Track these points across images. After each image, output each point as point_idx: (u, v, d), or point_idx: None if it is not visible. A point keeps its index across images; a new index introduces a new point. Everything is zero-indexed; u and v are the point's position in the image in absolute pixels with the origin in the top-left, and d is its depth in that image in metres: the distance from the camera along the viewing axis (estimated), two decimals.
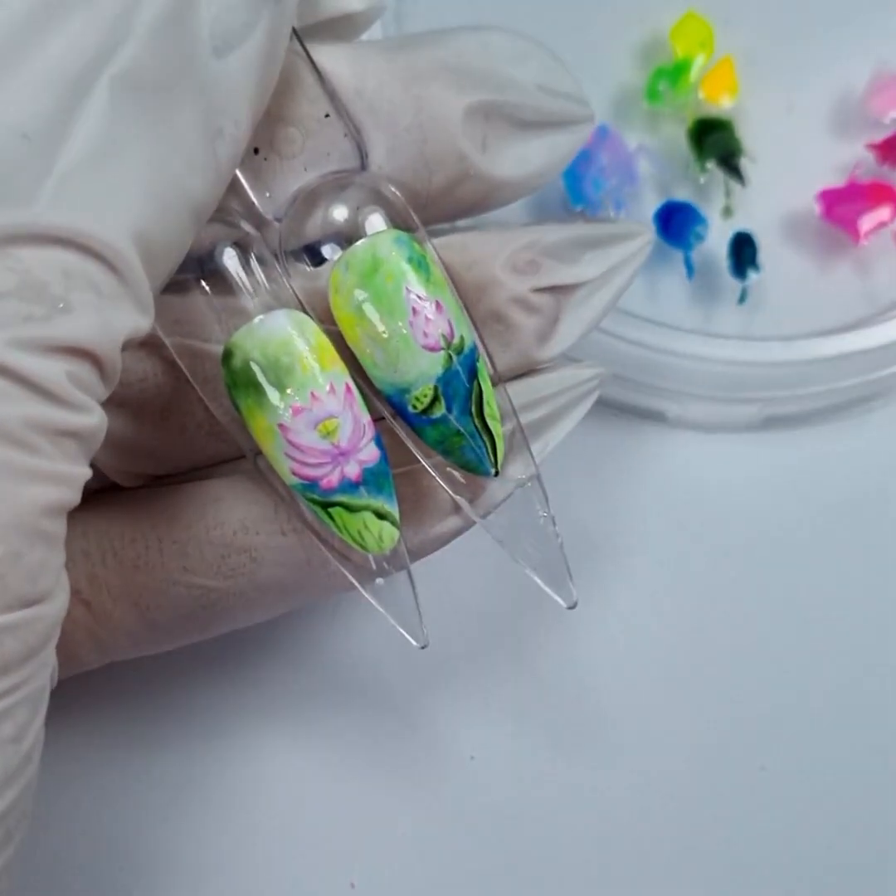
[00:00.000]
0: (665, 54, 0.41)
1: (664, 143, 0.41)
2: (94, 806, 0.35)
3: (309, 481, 0.26)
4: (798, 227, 0.41)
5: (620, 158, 0.40)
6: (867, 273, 0.40)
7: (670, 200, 0.40)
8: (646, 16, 0.41)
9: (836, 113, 0.41)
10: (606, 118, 0.41)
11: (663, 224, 0.40)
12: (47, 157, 0.21)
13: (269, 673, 0.37)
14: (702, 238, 0.40)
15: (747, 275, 0.39)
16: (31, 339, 0.20)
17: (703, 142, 0.40)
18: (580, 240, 0.31)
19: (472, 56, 0.29)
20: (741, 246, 0.40)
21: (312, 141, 0.28)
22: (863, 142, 0.40)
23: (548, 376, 0.31)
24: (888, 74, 0.40)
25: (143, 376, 0.27)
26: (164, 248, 0.22)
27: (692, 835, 0.36)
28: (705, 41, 0.40)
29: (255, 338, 0.25)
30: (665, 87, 0.40)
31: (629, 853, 0.36)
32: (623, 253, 0.31)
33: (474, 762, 0.37)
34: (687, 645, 0.37)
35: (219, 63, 0.23)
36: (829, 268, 0.40)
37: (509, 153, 0.30)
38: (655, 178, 0.41)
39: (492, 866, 0.36)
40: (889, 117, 0.40)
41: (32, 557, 0.20)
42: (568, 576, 0.29)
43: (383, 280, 0.26)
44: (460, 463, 0.28)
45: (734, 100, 0.40)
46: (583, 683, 0.37)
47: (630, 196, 0.40)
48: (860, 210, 0.39)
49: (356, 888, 0.35)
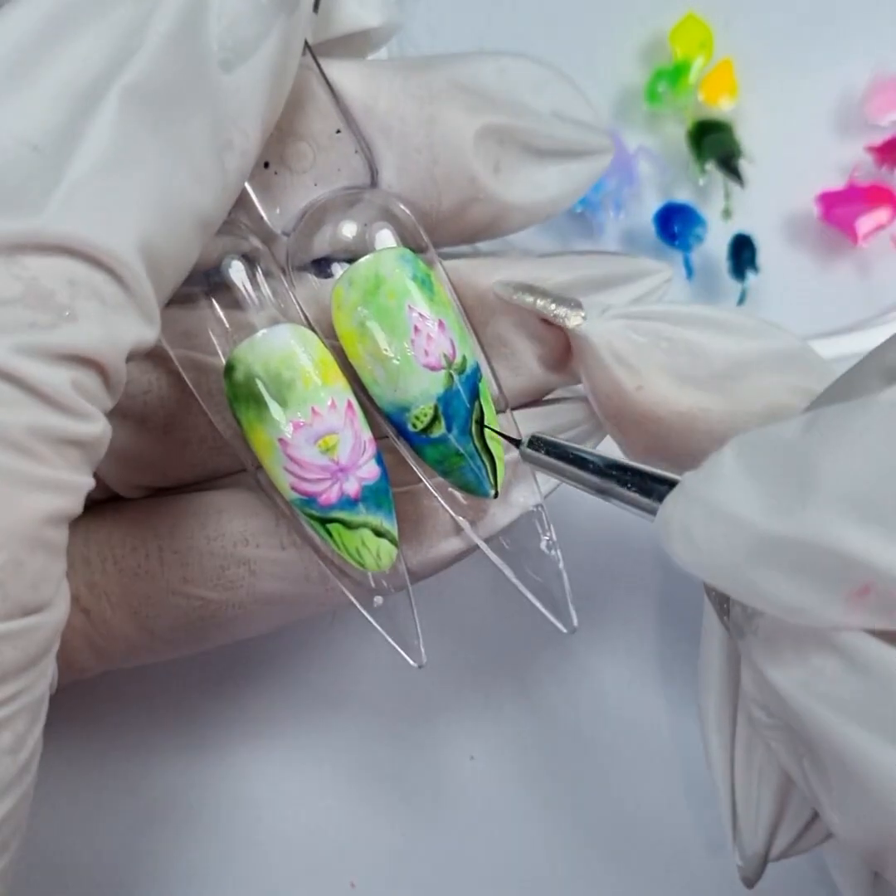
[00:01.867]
0: (665, 56, 0.41)
1: (664, 144, 0.41)
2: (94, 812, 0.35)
3: (308, 496, 0.26)
4: (797, 228, 0.41)
5: (620, 160, 0.40)
6: (866, 274, 0.40)
7: (670, 202, 0.41)
8: (646, 17, 0.41)
9: (835, 115, 0.41)
10: (607, 119, 0.41)
11: (663, 225, 0.40)
12: (56, 167, 0.21)
13: (270, 678, 0.37)
14: (701, 239, 0.40)
15: (746, 276, 0.39)
16: (36, 346, 0.20)
17: (703, 143, 0.40)
18: (592, 279, 0.30)
19: (488, 80, 0.29)
20: (741, 247, 0.40)
21: (323, 156, 0.28)
22: (862, 144, 0.40)
23: (561, 405, 0.31)
24: (887, 77, 0.40)
25: (148, 388, 0.28)
26: (170, 260, 0.22)
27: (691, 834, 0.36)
28: (705, 43, 0.40)
29: (258, 352, 0.25)
30: (665, 89, 0.40)
31: (629, 853, 0.36)
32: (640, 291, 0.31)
33: (474, 762, 0.37)
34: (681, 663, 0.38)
35: (229, 75, 0.23)
36: (828, 269, 0.40)
37: (522, 178, 0.29)
38: (655, 179, 0.41)
39: (491, 866, 0.36)
40: (888, 120, 0.40)
41: (34, 566, 0.20)
42: (568, 601, 0.29)
43: (386, 297, 0.26)
44: (460, 483, 0.28)
45: (733, 101, 0.40)
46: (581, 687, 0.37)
47: (630, 197, 0.41)
48: (859, 212, 0.39)
49: (356, 888, 0.36)
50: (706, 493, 0.21)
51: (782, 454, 0.20)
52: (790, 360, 0.29)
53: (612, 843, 0.36)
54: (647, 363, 0.28)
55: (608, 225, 0.40)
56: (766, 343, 0.29)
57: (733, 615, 0.24)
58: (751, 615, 0.23)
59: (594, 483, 0.25)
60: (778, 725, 0.23)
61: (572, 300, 0.29)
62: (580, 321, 0.28)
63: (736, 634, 0.24)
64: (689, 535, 0.21)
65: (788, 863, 0.30)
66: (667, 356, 0.28)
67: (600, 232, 0.41)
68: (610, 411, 0.29)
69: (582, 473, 0.25)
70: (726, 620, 0.24)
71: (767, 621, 0.22)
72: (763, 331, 0.29)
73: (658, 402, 0.28)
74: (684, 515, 0.21)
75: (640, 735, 0.37)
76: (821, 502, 0.19)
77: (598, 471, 0.25)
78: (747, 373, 0.28)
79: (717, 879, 0.36)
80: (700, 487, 0.21)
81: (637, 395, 0.28)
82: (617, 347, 0.28)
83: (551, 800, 0.37)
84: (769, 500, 0.20)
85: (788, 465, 0.20)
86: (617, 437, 0.30)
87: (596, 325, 0.28)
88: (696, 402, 0.28)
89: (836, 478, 0.19)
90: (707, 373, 0.28)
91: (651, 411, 0.28)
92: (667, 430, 0.28)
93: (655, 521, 0.22)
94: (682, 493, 0.22)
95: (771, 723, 0.24)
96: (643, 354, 0.28)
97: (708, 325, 0.29)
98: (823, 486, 0.19)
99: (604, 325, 0.28)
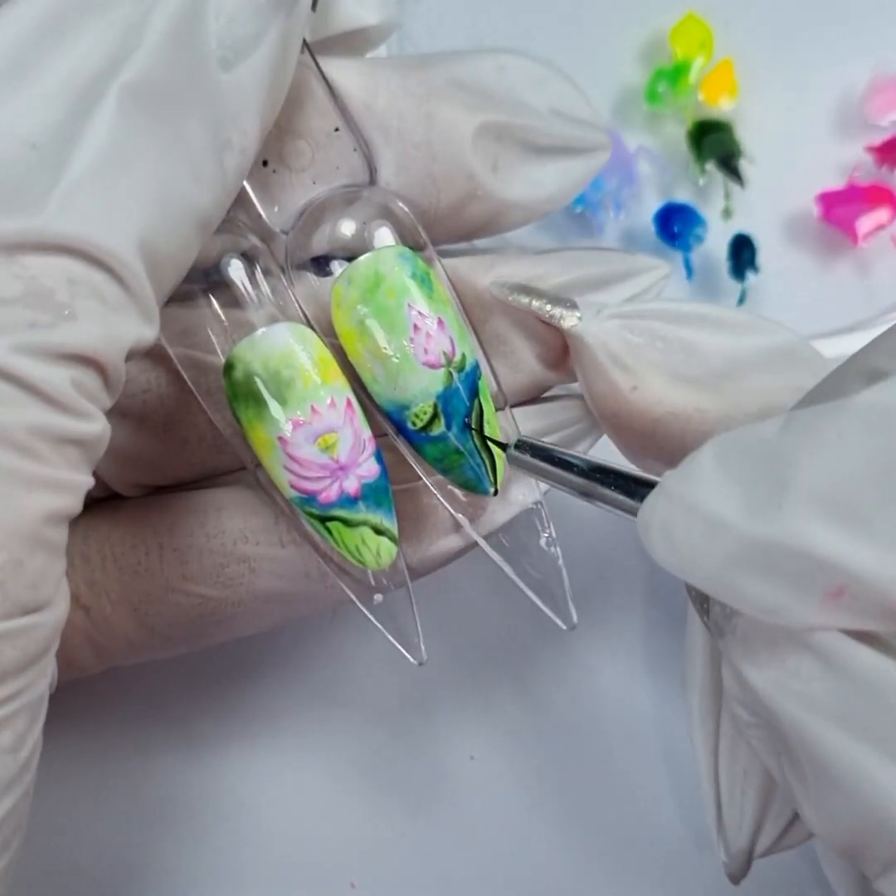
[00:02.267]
0: (665, 56, 0.41)
1: (664, 144, 0.41)
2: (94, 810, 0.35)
3: (307, 495, 0.26)
4: (797, 228, 0.41)
5: (620, 159, 0.40)
6: (866, 274, 0.40)
7: (670, 202, 0.41)
8: (646, 17, 0.41)
9: (836, 115, 0.41)
10: (606, 119, 0.41)
11: (663, 225, 0.40)
12: (55, 167, 0.21)
13: (270, 678, 0.37)
14: (701, 239, 0.40)
15: (746, 276, 0.39)
16: (36, 346, 0.20)
17: (703, 143, 0.40)
18: (590, 276, 0.30)
19: (486, 77, 0.29)
20: (740, 247, 0.40)
21: (322, 154, 0.28)
22: (862, 144, 0.40)
23: (559, 403, 0.31)
24: (887, 77, 0.40)
25: (147, 387, 0.28)
26: (169, 259, 0.22)
27: (690, 834, 0.36)
28: (705, 43, 0.40)
29: (257, 350, 0.25)
30: (665, 89, 0.40)
31: (629, 852, 0.36)
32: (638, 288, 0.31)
33: (474, 762, 0.37)
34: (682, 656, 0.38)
35: (228, 74, 0.23)
36: (828, 269, 0.41)
37: (521, 176, 0.30)
38: (655, 179, 0.41)
39: (491, 865, 0.36)
40: (888, 120, 0.40)
41: (33, 565, 0.20)
42: (568, 598, 0.29)
43: (385, 296, 0.26)
44: (460, 481, 0.28)
45: (733, 101, 0.40)
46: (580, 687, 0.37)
47: (630, 197, 0.41)
48: (859, 212, 0.39)
49: (356, 888, 0.36)
50: (685, 492, 0.21)
51: (759, 454, 0.21)
52: (787, 358, 0.29)
53: (613, 843, 0.36)
54: (642, 363, 0.28)
55: (608, 225, 0.40)
56: (763, 340, 0.29)
57: (713, 614, 0.24)
58: (729, 615, 0.23)
59: (578, 485, 0.25)
60: (758, 724, 0.23)
61: (568, 300, 0.29)
62: (576, 322, 0.28)
63: (716, 633, 0.24)
64: (669, 535, 0.21)
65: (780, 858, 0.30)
66: (662, 356, 0.28)
67: (600, 232, 0.41)
68: (606, 412, 0.29)
69: (567, 475, 0.25)
70: (706, 620, 0.24)
71: (745, 621, 0.22)
72: (759, 327, 0.29)
73: (653, 402, 0.28)
74: (664, 515, 0.21)
75: (641, 735, 0.37)
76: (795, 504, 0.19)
77: (582, 473, 0.25)
78: (744, 371, 0.28)
79: None
80: (679, 487, 0.21)
81: (633, 396, 0.28)
82: (612, 348, 0.28)
83: (551, 799, 0.37)
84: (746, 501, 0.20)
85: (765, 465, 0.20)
86: (613, 437, 0.30)
87: (591, 326, 0.28)
88: (691, 402, 0.28)
89: (811, 479, 0.19)
90: (703, 372, 0.28)
91: (647, 412, 0.28)
92: (663, 431, 0.28)
93: (637, 521, 0.22)
94: (661, 492, 0.22)
95: (752, 721, 0.24)
96: (638, 354, 0.28)
97: (704, 322, 0.29)
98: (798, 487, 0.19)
99: (599, 325, 0.28)
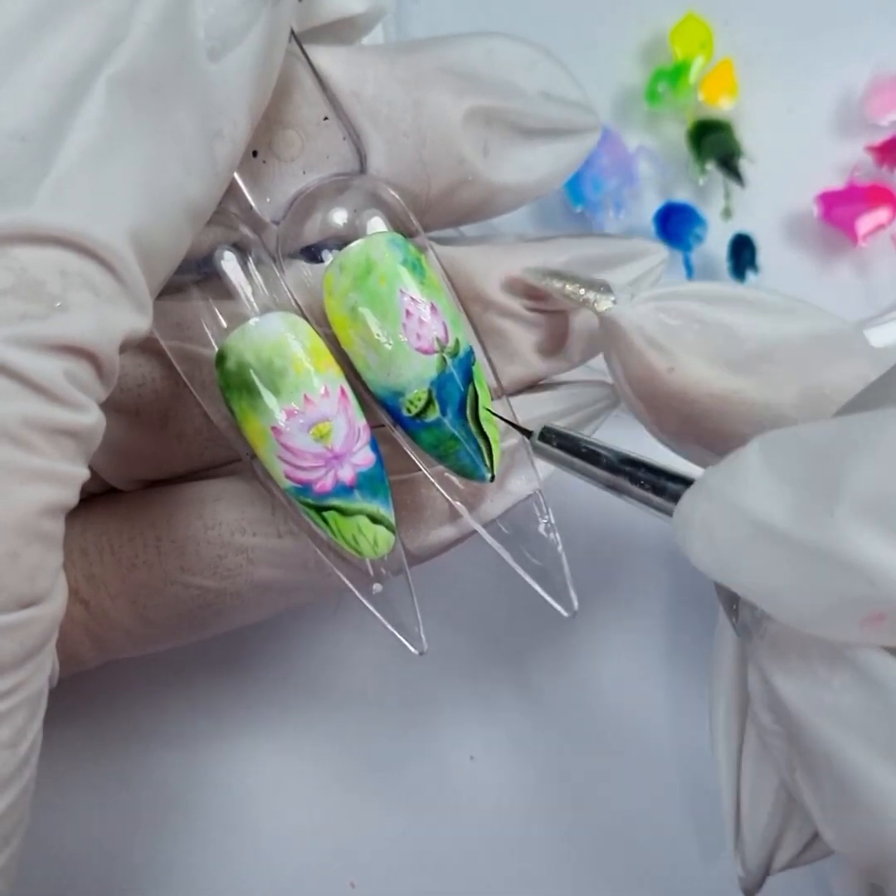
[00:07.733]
0: (665, 56, 0.41)
1: (664, 144, 0.41)
2: (92, 804, 0.35)
3: (302, 485, 0.26)
4: (797, 228, 0.41)
5: (620, 159, 0.40)
6: (866, 274, 0.40)
7: (670, 201, 0.41)
8: (646, 17, 0.41)
9: (836, 115, 0.41)
10: (606, 119, 0.41)
11: (663, 225, 0.40)
12: (44, 158, 0.21)
13: (269, 673, 0.37)
14: (701, 239, 0.40)
15: (746, 276, 0.39)
16: (29, 337, 0.20)
17: (703, 143, 0.40)
18: (588, 260, 0.31)
19: (475, 62, 0.29)
20: (741, 247, 0.40)
21: (311, 144, 0.28)
22: (862, 144, 0.40)
23: (557, 392, 0.31)
24: (887, 77, 0.40)
25: (142, 381, 0.28)
26: (161, 249, 0.22)
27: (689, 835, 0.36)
28: (705, 42, 0.40)
29: (249, 340, 0.25)
30: (665, 89, 0.40)
31: (628, 852, 0.36)
32: (636, 272, 0.31)
33: (474, 762, 0.37)
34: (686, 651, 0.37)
35: (216, 64, 0.23)
36: (829, 269, 0.40)
37: (511, 159, 0.29)
38: (655, 179, 0.41)
39: (491, 866, 0.36)
40: (888, 120, 0.40)
41: (30, 558, 0.20)
42: (568, 584, 0.29)
43: (377, 282, 0.26)
44: (456, 468, 0.28)
45: (733, 101, 0.40)
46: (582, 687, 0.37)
47: (630, 197, 0.41)
48: (859, 212, 0.39)
49: (356, 888, 0.36)
50: (729, 491, 0.21)
51: (810, 458, 0.20)
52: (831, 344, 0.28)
53: (613, 844, 0.36)
54: (679, 345, 0.28)
55: (608, 225, 0.40)
56: (805, 324, 0.28)
57: (742, 616, 0.23)
58: (759, 618, 0.22)
59: (605, 478, 0.25)
60: (779, 733, 0.23)
61: (602, 284, 0.28)
62: (610, 305, 0.28)
63: (743, 636, 0.23)
64: (710, 535, 0.21)
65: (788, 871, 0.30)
66: (699, 338, 0.28)
67: None
68: (642, 394, 0.29)
69: (593, 468, 0.25)
70: (734, 621, 0.24)
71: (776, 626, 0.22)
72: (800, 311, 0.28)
73: (691, 384, 0.28)
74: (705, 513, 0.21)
75: (641, 735, 0.37)
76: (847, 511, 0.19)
77: (611, 466, 0.24)
78: (783, 355, 0.28)
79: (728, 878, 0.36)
80: (723, 485, 0.21)
81: (669, 378, 0.28)
82: (648, 330, 0.28)
83: (551, 800, 0.36)
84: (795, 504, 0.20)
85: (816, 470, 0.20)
86: (649, 419, 0.29)
87: (626, 309, 0.28)
88: (729, 385, 0.28)
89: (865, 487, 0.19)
90: (741, 354, 0.28)
91: (684, 393, 0.28)
92: (700, 413, 0.28)
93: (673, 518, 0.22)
94: (702, 490, 0.21)
95: (774, 729, 0.23)
96: (675, 336, 0.28)
97: (741, 304, 0.28)
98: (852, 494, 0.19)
99: (634, 308, 0.28)
